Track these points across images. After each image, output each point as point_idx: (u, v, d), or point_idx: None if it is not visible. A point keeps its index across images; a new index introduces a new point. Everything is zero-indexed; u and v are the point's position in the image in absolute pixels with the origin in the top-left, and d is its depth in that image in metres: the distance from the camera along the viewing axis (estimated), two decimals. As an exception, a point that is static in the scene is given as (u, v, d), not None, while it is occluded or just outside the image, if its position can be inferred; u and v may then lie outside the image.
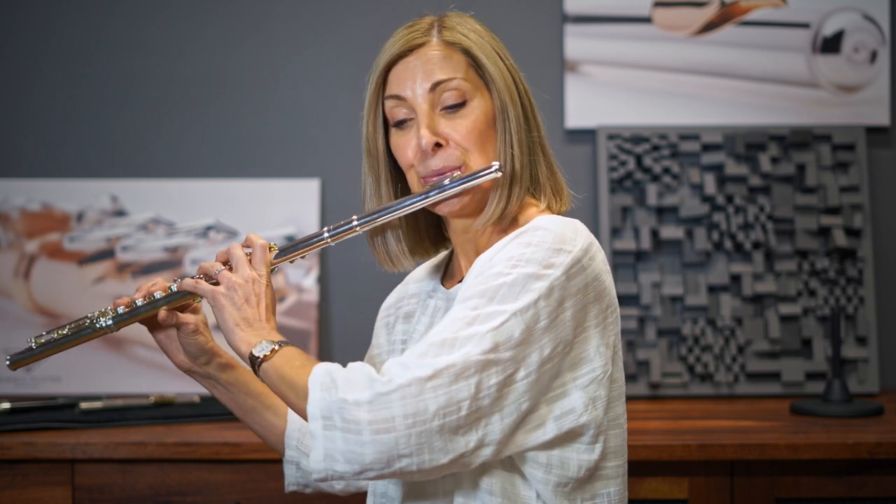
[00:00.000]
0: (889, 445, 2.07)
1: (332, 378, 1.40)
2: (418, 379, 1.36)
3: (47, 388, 2.58)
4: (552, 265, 1.44)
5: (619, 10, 2.68)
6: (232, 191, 2.66)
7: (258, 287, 1.54)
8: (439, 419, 1.36)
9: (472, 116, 1.55)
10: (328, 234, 1.58)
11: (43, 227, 2.65)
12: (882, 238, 2.69)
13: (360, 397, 1.36)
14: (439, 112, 1.55)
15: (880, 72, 2.68)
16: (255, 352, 1.48)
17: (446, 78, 1.54)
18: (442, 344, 1.39)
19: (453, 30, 1.59)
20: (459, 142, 1.54)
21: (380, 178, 1.61)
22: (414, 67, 1.56)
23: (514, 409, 1.41)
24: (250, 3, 2.71)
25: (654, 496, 2.11)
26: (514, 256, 1.44)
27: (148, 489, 2.12)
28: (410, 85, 1.55)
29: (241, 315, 1.52)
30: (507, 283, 1.42)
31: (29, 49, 2.71)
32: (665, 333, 2.59)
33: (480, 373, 1.38)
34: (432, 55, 1.56)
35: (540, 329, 1.42)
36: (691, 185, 2.64)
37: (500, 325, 1.40)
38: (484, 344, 1.38)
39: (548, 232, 1.47)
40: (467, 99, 1.55)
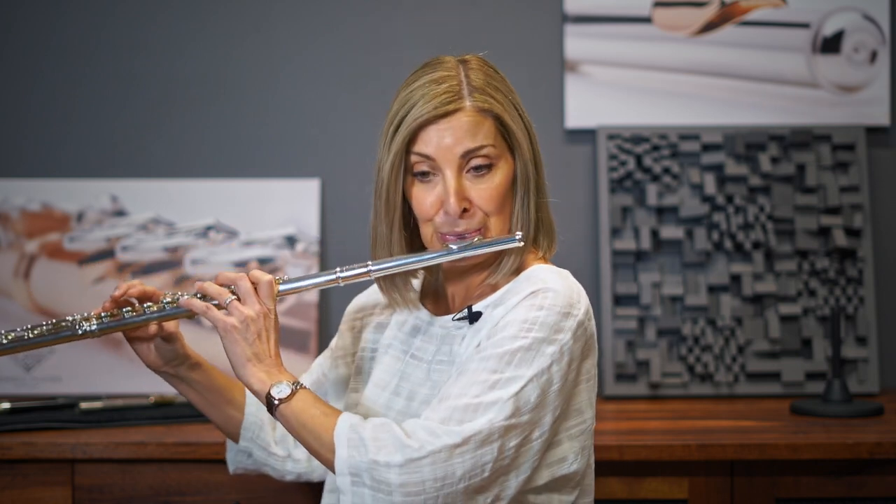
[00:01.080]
0: (889, 445, 2.07)
1: (359, 436, 1.47)
2: (448, 446, 1.44)
3: (47, 388, 2.58)
4: (562, 329, 1.53)
5: (619, 10, 2.68)
6: (232, 191, 2.66)
7: (268, 322, 1.58)
8: (465, 482, 1.46)
9: (497, 181, 1.59)
10: (340, 275, 1.61)
11: (43, 227, 2.65)
12: (882, 238, 2.69)
13: (392, 460, 1.44)
14: (465, 175, 1.58)
15: (880, 72, 2.68)
16: (274, 393, 1.53)
17: (477, 146, 1.57)
18: (466, 409, 1.47)
19: (484, 92, 1.59)
20: (484, 207, 1.59)
21: (393, 226, 1.63)
22: (446, 132, 1.57)
23: (529, 467, 1.52)
24: (250, 3, 2.71)
25: (654, 496, 2.11)
26: (528, 320, 1.52)
27: (148, 489, 2.12)
28: (442, 149, 1.57)
29: (252, 351, 1.56)
30: (523, 348, 1.50)
31: (29, 49, 2.71)
32: (665, 333, 2.59)
33: (502, 437, 1.47)
34: (465, 122, 1.57)
35: (553, 392, 1.52)
36: (691, 185, 2.64)
37: (519, 390, 1.48)
38: (506, 409, 1.47)
39: (557, 295, 1.54)
40: (494, 163, 1.59)
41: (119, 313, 1.66)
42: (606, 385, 2.57)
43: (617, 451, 2.07)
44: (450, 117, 1.57)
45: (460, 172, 1.57)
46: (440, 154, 1.57)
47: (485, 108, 1.58)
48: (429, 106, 1.56)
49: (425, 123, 1.56)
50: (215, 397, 1.78)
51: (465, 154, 1.57)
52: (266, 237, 2.64)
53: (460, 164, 1.57)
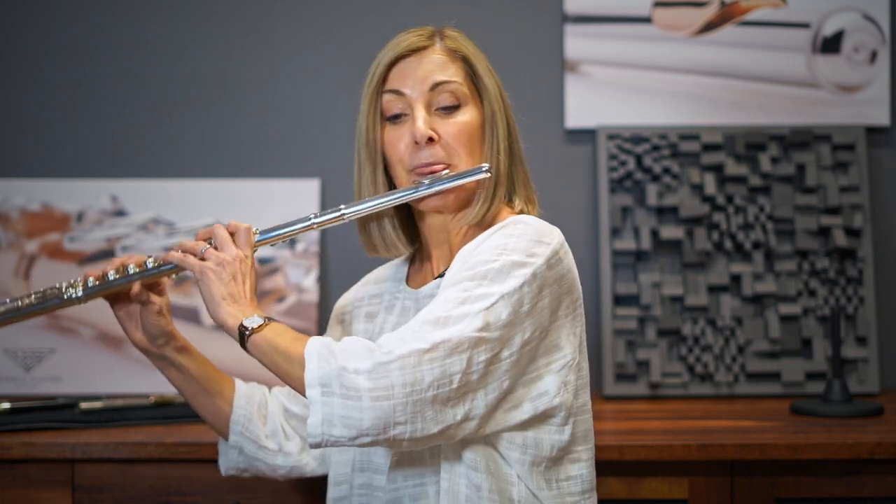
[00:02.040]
0: (889, 445, 2.07)
1: (329, 349, 1.47)
2: (417, 351, 1.44)
3: (47, 388, 2.58)
4: (534, 254, 1.54)
5: (619, 10, 2.68)
6: (232, 191, 2.66)
7: (244, 266, 1.61)
8: (433, 390, 1.45)
9: (465, 120, 1.64)
10: (315, 220, 1.65)
11: (43, 227, 2.65)
12: (882, 238, 2.69)
13: (360, 366, 1.44)
14: (434, 111, 1.64)
15: (880, 72, 2.68)
16: (246, 323, 1.54)
17: (446, 80, 1.64)
18: (436, 322, 1.47)
19: (455, 39, 1.69)
20: (450, 141, 1.63)
21: (376, 168, 1.68)
22: (416, 66, 1.65)
23: (497, 387, 1.51)
24: (250, 3, 2.71)
25: (654, 496, 2.11)
26: (500, 245, 1.54)
27: (148, 489, 2.12)
28: (411, 82, 1.64)
29: (227, 290, 1.58)
30: (494, 269, 1.51)
31: (29, 49, 2.71)
32: (665, 333, 2.59)
33: (472, 349, 1.47)
34: (434, 58, 1.65)
35: (523, 313, 1.52)
36: (691, 185, 2.64)
37: (490, 305, 1.49)
38: (476, 322, 1.47)
39: (528, 226, 1.57)
40: (461, 103, 1.65)
41: (103, 277, 1.69)
42: (606, 385, 2.57)
43: (617, 451, 2.07)
44: (420, 52, 1.66)
45: (429, 107, 1.64)
46: (410, 85, 1.63)
47: (454, 49, 1.67)
48: (402, 44, 1.66)
49: (397, 59, 1.65)
50: (204, 386, 1.80)
51: (434, 86, 1.63)
52: (266, 237, 2.64)
53: (428, 98, 1.63)
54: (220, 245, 1.62)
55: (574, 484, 1.62)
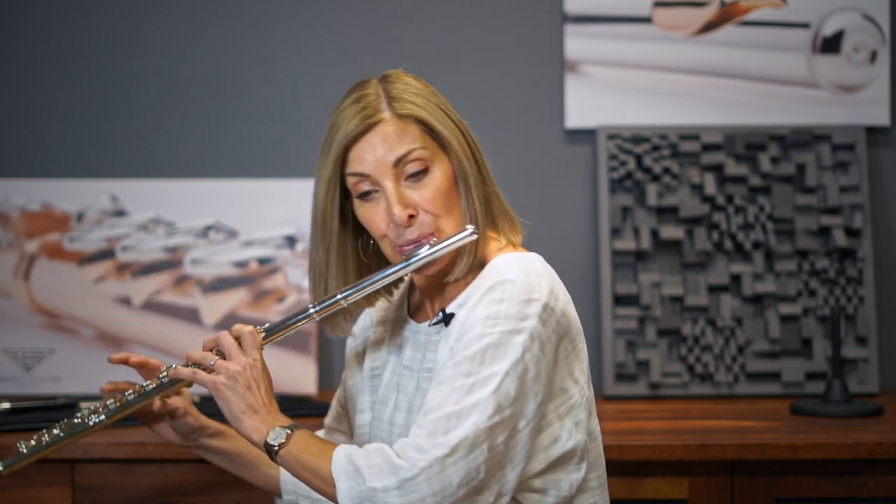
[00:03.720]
0: (889, 445, 2.07)
1: (354, 466, 1.49)
2: (438, 459, 1.46)
3: (47, 388, 2.58)
4: (526, 316, 1.53)
5: (619, 10, 2.68)
6: (232, 191, 2.66)
7: (255, 372, 1.61)
8: (463, 487, 1.47)
9: (436, 182, 1.61)
10: (313, 310, 1.65)
11: (43, 227, 2.65)
12: (882, 238, 2.69)
13: (388, 484, 1.46)
14: (404, 182, 1.60)
15: (880, 72, 2.68)
16: (270, 440, 1.56)
17: (406, 151, 1.60)
18: (449, 417, 1.48)
19: (401, 100, 1.62)
20: (429, 210, 1.60)
21: (330, 250, 1.67)
22: (373, 145, 1.60)
23: (522, 458, 1.53)
24: (250, 3, 2.71)
25: (654, 496, 2.11)
26: (491, 315, 1.53)
27: (148, 489, 2.12)
28: (372, 163, 1.60)
29: (245, 403, 1.59)
30: (492, 345, 1.51)
31: (29, 49, 2.71)
32: (665, 333, 2.59)
33: (490, 437, 1.49)
34: (388, 131, 1.60)
35: (531, 380, 1.52)
36: (691, 185, 2.64)
37: (497, 387, 1.49)
38: (487, 409, 1.48)
39: (514, 284, 1.55)
40: (429, 165, 1.61)
41: (122, 398, 1.70)
42: (606, 385, 2.57)
43: (617, 451, 2.07)
44: (373, 130, 1.60)
45: (398, 181, 1.60)
46: (374, 168, 1.60)
47: (404, 113, 1.61)
48: (351, 125, 1.60)
49: (351, 142, 1.61)
50: (245, 460, 1.81)
51: (397, 161, 1.59)
52: (266, 237, 2.64)
53: (395, 173, 1.60)
54: (228, 354, 1.62)
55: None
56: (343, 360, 2.70)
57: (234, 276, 2.62)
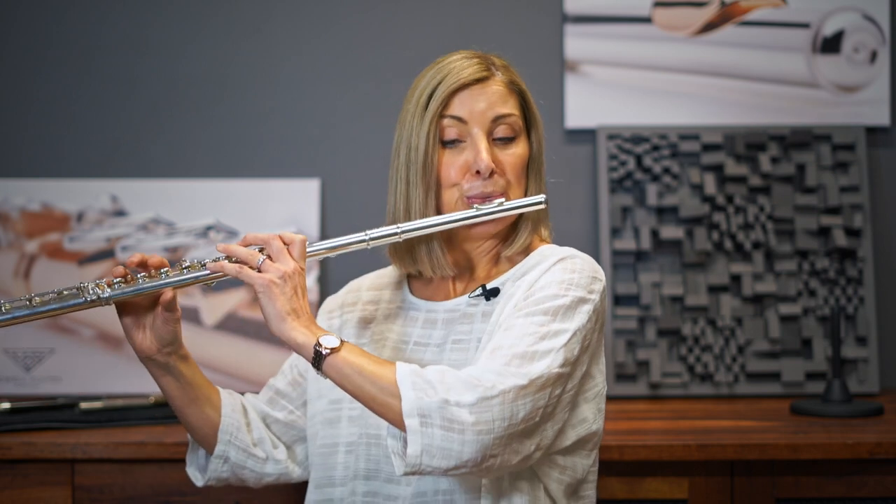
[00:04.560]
0: (889, 445, 2.07)
1: (424, 379, 1.49)
2: (516, 387, 1.49)
3: (47, 388, 2.58)
4: (593, 290, 1.62)
5: (619, 10, 2.68)
6: (232, 191, 2.66)
7: (302, 279, 1.60)
8: (524, 423, 1.50)
9: (519, 152, 1.69)
10: (369, 237, 1.65)
11: (43, 227, 2.65)
12: (882, 238, 2.69)
13: (463, 399, 1.47)
14: (492, 141, 1.67)
15: (880, 72, 2.68)
16: (324, 341, 1.53)
17: (507, 112, 1.68)
18: (524, 356, 1.52)
19: (510, 71, 1.72)
20: (508, 172, 1.67)
21: (429, 190, 1.68)
22: (480, 96, 1.66)
23: (561, 418, 1.58)
24: (250, 3, 2.71)
25: (654, 496, 2.11)
26: (565, 281, 1.60)
27: (148, 489, 2.12)
28: (476, 113, 1.66)
29: (291, 306, 1.56)
30: (565, 305, 1.58)
31: (29, 49, 2.71)
32: (665, 333, 2.59)
33: (554, 385, 1.54)
34: (496, 89, 1.68)
35: (585, 348, 1.60)
36: (691, 185, 2.64)
37: (567, 342, 1.56)
38: (559, 358, 1.54)
39: (584, 262, 1.64)
40: (516, 135, 1.69)
41: (133, 278, 1.62)
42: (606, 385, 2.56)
43: (617, 451, 2.07)
44: (483, 83, 1.67)
45: (489, 137, 1.66)
46: (473, 116, 1.65)
47: (513, 81, 1.70)
48: (465, 73, 1.66)
49: (460, 88, 1.65)
50: (196, 393, 1.75)
51: (496, 119, 1.66)
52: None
53: (490, 128, 1.66)
54: (278, 256, 1.59)
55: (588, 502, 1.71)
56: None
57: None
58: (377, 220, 2.80)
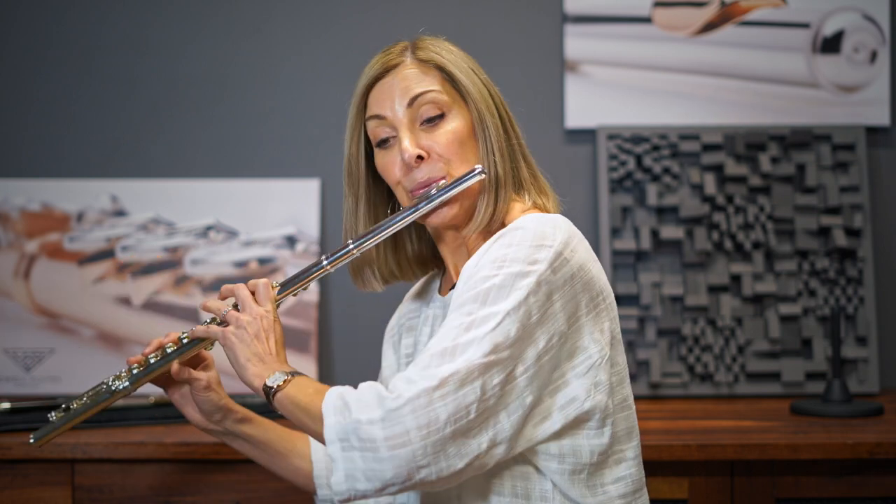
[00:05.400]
0: (889, 445, 2.07)
1: (343, 401, 1.44)
2: (426, 390, 1.40)
3: (47, 388, 2.58)
4: (536, 261, 1.48)
5: (619, 10, 2.68)
6: (232, 191, 2.66)
7: (266, 322, 1.58)
8: (451, 426, 1.40)
9: (451, 127, 1.60)
10: (326, 262, 1.63)
11: (43, 227, 2.65)
12: (882, 238, 2.69)
13: (373, 416, 1.40)
14: (419, 127, 1.60)
15: (880, 72, 2.68)
16: (269, 382, 1.52)
17: (422, 91, 1.60)
18: (443, 353, 1.43)
19: (426, 49, 1.64)
20: (441, 153, 1.59)
21: (359, 198, 1.67)
22: (391, 86, 1.61)
23: (519, 405, 1.46)
24: (250, 3, 2.71)
25: (654, 496, 2.11)
26: (498, 258, 1.49)
27: (148, 489, 2.12)
28: (389, 104, 1.61)
29: (251, 351, 1.56)
30: (496, 285, 1.46)
31: (29, 49, 2.71)
32: (665, 333, 2.59)
33: (483, 375, 1.42)
34: (408, 73, 1.61)
35: (532, 324, 1.47)
36: (691, 185, 2.64)
37: (495, 326, 1.44)
38: (483, 347, 1.43)
39: (526, 231, 1.50)
40: (445, 111, 1.60)
41: (145, 362, 1.68)
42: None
43: (617, 451, 2.07)
44: (392, 72, 1.62)
45: (413, 124, 1.60)
46: (389, 106, 1.60)
47: (425, 59, 1.62)
48: (373, 69, 1.63)
49: (371, 83, 1.63)
50: (275, 449, 1.75)
51: (412, 101, 1.59)
52: (266, 237, 2.64)
53: (411, 114, 1.60)
54: (242, 305, 1.60)
55: (624, 485, 1.56)
56: (342, 356, 2.71)
57: (234, 276, 2.62)
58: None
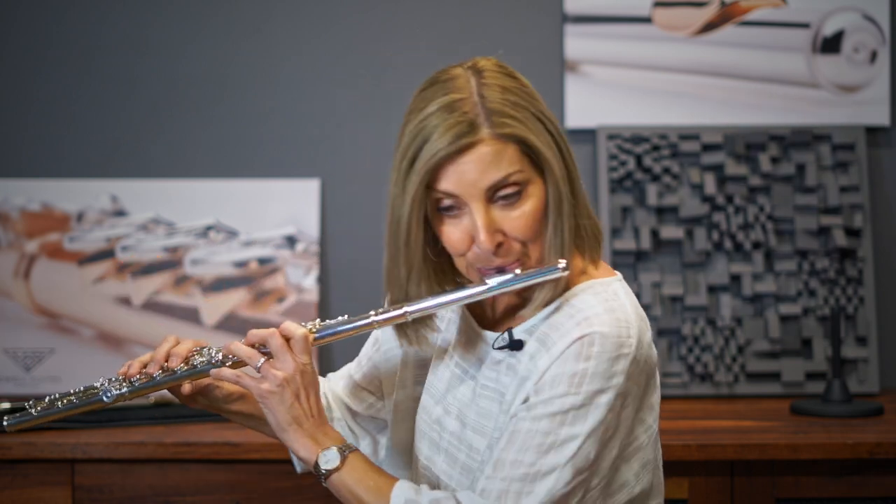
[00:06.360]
0: (889, 445, 2.08)
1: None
2: None
3: (47, 388, 2.58)
4: (614, 374, 1.43)
5: (619, 10, 2.68)
6: (232, 191, 2.66)
7: (305, 379, 1.50)
8: None
9: (529, 208, 1.45)
10: (374, 319, 1.53)
11: (43, 227, 2.65)
12: (882, 238, 2.69)
13: None
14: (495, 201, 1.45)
15: (880, 72, 2.68)
16: (322, 463, 1.48)
17: (503, 176, 1.43)
18: (523, 479, 1.40)
19: (502, 114, 1.44)
20: (518, 237, 1.46)
21: (412, 270, 1.51)
22: (467, 167, 1.43)
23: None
24: (250, 3, 2.71)
25: (654, 496, 2.11)
26: (578, 374, 1.42)
27: (148, 489, 2.12)
28: (463, 186, 1.43)
29: (291, 415, 1.49)
30: (575, 406, 1.41)
31: (29, 49, 2.71)
32: (665, 333, 2.59)
33: (565, 501, 1.41)
34: (485, 153, 1.42)
35: (608, 437, 1.44)
36: (691, 185, 2.64)
37: (576, 451, 1.41)
38: (565, 476, 1.40)
39: (605, 338, 1.43)
40: (523, 189, 1.45)
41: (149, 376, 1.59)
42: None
43: (617, 451, 2.06)
44: (468, 151, 1.42)
45: (488, 205, 1.44)
46: (464, 190, 1.43)
47: (505, 133, 1.43)
48: (443, 141, 1.41)
49: (443, 161, 1.42)
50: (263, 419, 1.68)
51: (491, 187, 1.43)
52: (266, 237, 2.64)
53: (487, 195, 1.43)
54: (276, 357, 1.50)
55: None
56: (342, 357, 2.70)
57: (234, 276, 2.62)
58: (377, 221, 2.79)
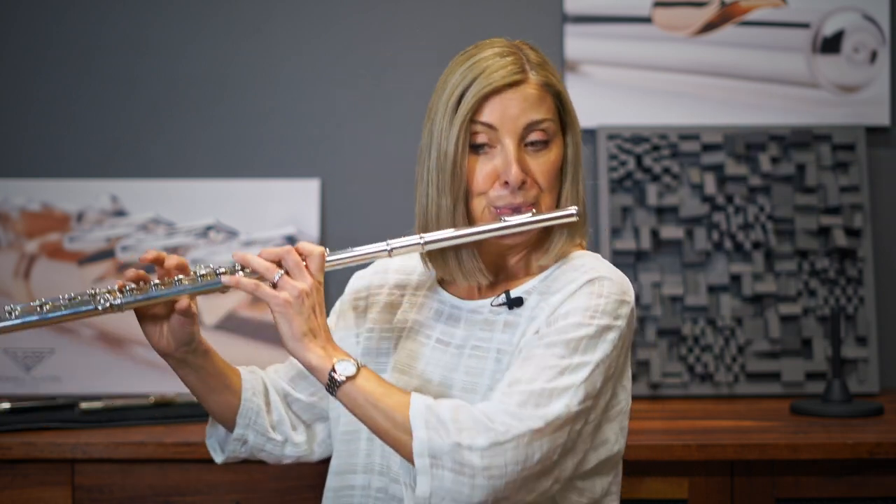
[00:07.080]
0: (889, 445, 2.08)
1: (438, 417, 1.46)
2: (531, 430, 1.45)
3: (47, 388, 2.58)
4: (619, 315, 1.55)
5: (619, 10, 2.68)
6: (232, 191, 2.66)
7: (320, 296, 1.55)
8: (540, 465, 1.47)
9: (553, 157, 1.60)
10: (391, 246, 1.59)
11: (43, 227, 2.65)
12: (882, 238, 2.69)
13: (475, 443, 1.44)
14: (523, 146, 1.59)
15: (880, 72, 2.68)
16: (339, 370, 1.50)
17: (541, 118, 1.59)
18: (541, 393, 1.48)
19: (545, 69, 1.62)
20: (538, 179, 1.59)
21: (458, 200, 1.59)
22: (513, 102, 1.58)
23: (582, 449, 1.54)
24: (250, 3, 2.71)
25: (654, 496, 2.11)
26: (591, 307, 1.54)
27: (148, 489, 2.12)
28: (506, 119, 1.58)
29: (308, 326, 1.53)
30: (588, 336, 1.52)
31: (29, 49, 2.71)
32: (665, 333, 2.59)
33: (573, 423, 1.49)
34: (530, 93, 1.59)
35: (608, 377, 1.55)
36: (691, 185, 2.64)
37: (587, 376, 1.51)
38: (579, 395, 1.49)
39: (613, 283, 1.57)
40: (550, 140, 1.60)
41: (146, 286, 1.58)
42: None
43: (617, 451, 2.07)
44: (516, 87, 1.57)
45: (520, 144, 1.58)
46: (504, 123, 1.57)
47: (548, 83, 1.60)
48: (497, 75, 1.56)
49: (492, 92, 1.57)
50: (216, 382, 1.71)
51: (528, 126, 1.58)
52: (266, 237, 2.64)
53: (521, 135, 1.58)
54: (293, 272, 1.54)
55: None
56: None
57: (234, 276, 2.61)
58: (377, 221, 2.80)
